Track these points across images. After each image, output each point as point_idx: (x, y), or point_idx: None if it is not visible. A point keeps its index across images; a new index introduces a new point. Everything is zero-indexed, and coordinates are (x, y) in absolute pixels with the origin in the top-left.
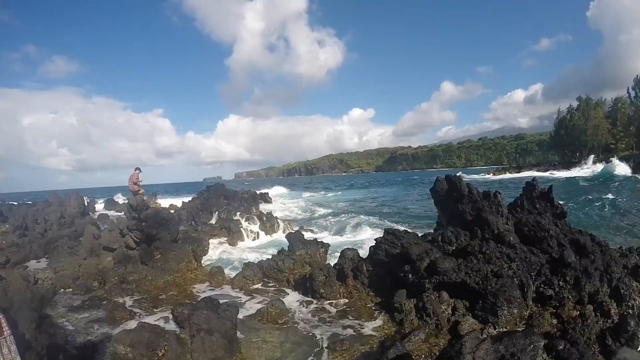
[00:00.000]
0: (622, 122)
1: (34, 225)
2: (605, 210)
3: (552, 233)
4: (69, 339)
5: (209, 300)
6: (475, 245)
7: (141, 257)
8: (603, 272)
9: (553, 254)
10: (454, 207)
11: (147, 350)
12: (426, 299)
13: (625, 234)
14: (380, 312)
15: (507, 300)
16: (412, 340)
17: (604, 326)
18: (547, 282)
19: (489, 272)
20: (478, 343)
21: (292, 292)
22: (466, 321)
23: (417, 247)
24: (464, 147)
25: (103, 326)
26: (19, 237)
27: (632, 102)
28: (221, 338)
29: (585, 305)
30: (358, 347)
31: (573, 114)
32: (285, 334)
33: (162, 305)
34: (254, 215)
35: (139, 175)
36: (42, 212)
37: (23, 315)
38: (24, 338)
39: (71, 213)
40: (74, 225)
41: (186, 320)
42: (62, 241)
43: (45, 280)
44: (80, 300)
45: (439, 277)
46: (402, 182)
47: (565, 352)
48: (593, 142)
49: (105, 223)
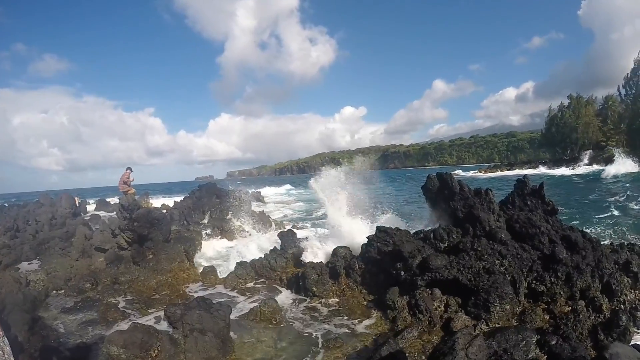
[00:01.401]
0: (612, 119)
1: (25, 226)
2: None
3: (543, 229)
4: (62, 341)
5: (201, 300)
6: (467, 242)
7: (133, 258)
8: (594, 267)
9: (545, 250)
10: (445, 205)
11: (140, 350)
12: (419, 296)
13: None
14: (373, 310)
15: (500, 297)
16: (405, 337)
17: (596, 321)
18: (539, 278)
19: (481, 269)
20: (471, 339)
21: (285, 291)
22: (459, 318)
23: (409, 244)
24: (456, 144)
25: (96, 327)
26: (10, 239)
27: (623, 100)
28: (214, 338)
29: (577, 300)
30: (351, 344)
31: (564, 111)
32: (278, 333)
33: (155, 306)
34: (247, 214)
35: (130, 174)
36: (33, 213)
37: (15, 318)
38: (16, 340)
39: (62, 214)
40: (66, 226)
41: (179, 320)
42: (54, 242)
43: (37, 282)
44: (73, 302)
45: (431, 274)
46: (394, 180)
47: (558, 347)
48: (584, 139)
49: (97, 223)
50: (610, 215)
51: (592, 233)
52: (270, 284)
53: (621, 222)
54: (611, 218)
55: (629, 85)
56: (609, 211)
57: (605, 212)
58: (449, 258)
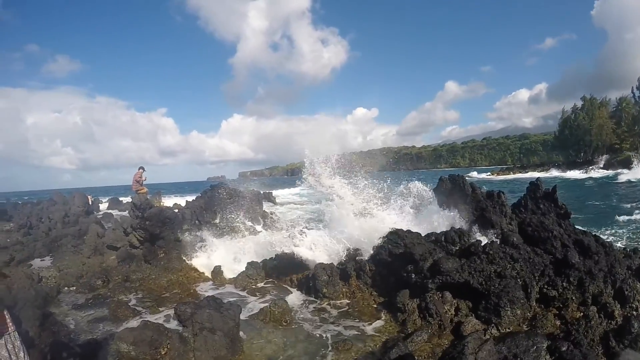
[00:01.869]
0: (626, 121)
1: (38, 223)
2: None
3: (555, 233)
4: (72, 337)
5: (212, 299)
6: (478, 246)
7: (145, 256)
8: (607, 273)
9: (557, 254)
10: (457, 207)
11: (150, 348)
12: (429, 299)
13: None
14: (383, 312)
15: (510, 301)
16: (415, 340)
17: (608, 328)
18: (550, 283)
19: (492, 273)
20: (481, 344)
21: (295, 292)
22: (469, 322)
23: (420, 247)
24: (468, 146)
25: (106, 324)
26: (23, 236)
27: (637, 102)
28: (224, 337)
29: (589, 306)
30: (361, 347)
31: (577, 113)
32: (288, 334)
33: (165, 304)
34: (258, 214)
35: (142, 174)
36: (46, 210)
37: (27, 313)
38: (27, 335)
39: (75, 212)
40: (78, 224)
41: (189, 319)
42: (66, 240)
43: (49, 278)
44: (84, 299)
45: (442, 277)
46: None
47: (569, 353)
48: (597, 142)
49: (109, 222)
50: (625, 220)
51: (605, 238)
52: (281, 284)
53: (635, 228)
54: (625, 223)
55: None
56: (623, 216)
57: (619, 216)
58: (460, 261)
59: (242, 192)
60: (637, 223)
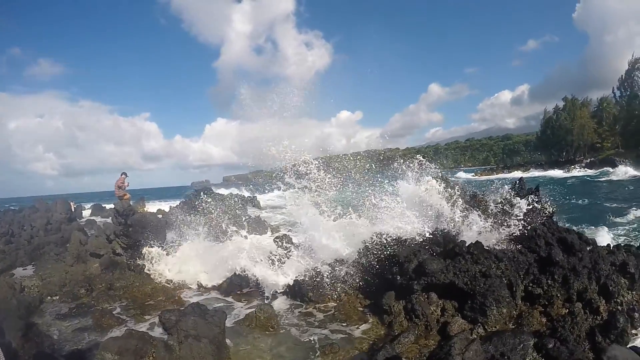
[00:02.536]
0: (607, 121)
1: (20, 231)
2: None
3: (539, 232)
4: (56, 348)
5: (196, 306)
6: (462, 246)
7: (128, 263)
8: (591, 269)
9: (541, 252)
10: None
11: (135, 357)
12: (415, 301)
13: None
14: (370, 315)
15: (496, 300)
16: (402, 342)
17: (593, 323)
18: (535, 281)
19: (477, 272)
20: (467, 343)
21: (280, 296)
22: (455, 322)
23: (405, 248)
24: (452, 147)
25: (90, 334)
26: (4, 244)
27: (617, 102)
28: (209, 344)
29: (574, 303)
30: (348, 350)
31: (559, 114)
32: (274, 339)
33: (149, 312)
34: (242, 219)
35: (124, 179)
36: (28, 218)
37: (9, 324)
38: (10, 347)
39: (58, 219)
40: (61, 231)
41: (174, 327)
42: (49, 247)
43: (32, 287)
44: (68, 308)
45: (427, 278)
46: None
47: (555, 350)
48: (579, 141)
49: (92, 229)
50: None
51: (588, 235)
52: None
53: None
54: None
55: (623, 86)
56: (605, 213)
57: (602, 214)
58: (445, 262)
59: (226, 196)
60: (618, 220)
